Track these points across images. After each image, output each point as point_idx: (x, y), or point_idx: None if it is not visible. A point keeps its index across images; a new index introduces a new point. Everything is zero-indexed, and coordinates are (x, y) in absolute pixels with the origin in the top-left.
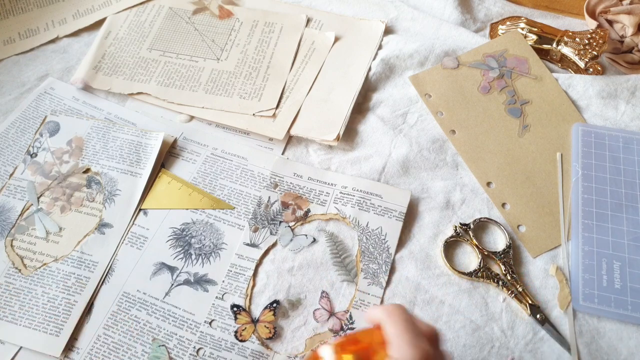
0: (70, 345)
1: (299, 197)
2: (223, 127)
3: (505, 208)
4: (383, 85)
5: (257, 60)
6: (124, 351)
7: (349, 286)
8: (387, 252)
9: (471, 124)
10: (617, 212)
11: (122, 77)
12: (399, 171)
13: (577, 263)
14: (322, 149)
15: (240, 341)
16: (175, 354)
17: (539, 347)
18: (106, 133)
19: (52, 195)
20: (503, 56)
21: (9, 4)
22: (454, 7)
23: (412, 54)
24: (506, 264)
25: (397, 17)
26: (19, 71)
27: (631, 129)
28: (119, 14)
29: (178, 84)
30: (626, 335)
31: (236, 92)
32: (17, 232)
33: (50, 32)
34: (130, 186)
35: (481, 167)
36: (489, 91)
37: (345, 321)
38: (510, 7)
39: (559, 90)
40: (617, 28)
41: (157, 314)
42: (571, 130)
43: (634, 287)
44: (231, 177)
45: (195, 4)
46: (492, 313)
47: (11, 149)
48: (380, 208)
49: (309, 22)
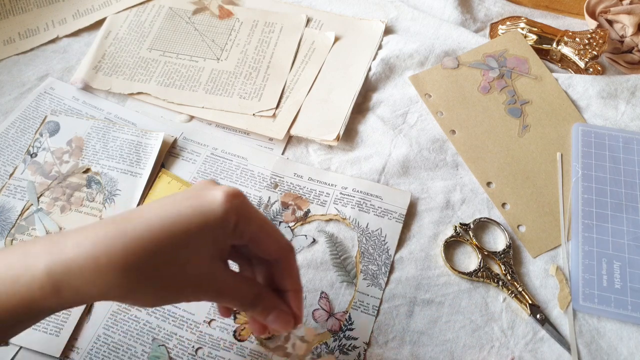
0: (70, 345)
1: (299, 198)
2: (223, 127)
3: (505, 208)
4: (383, 85)
5: (257, 60)
6: (124, 351)
7: (349, 287)
8: (387, 254)
9: (471, 124)
10: (617, 212)
11: (122, 77)
12: (399, 171)
13: (577, 263)
14: (322, 149)
15: (239, 341)
16: (175, 354)
17: (539, 347)
18: (106, 133)
19: (52, 195)
20: (503, 56)
21: (9, 4)
22: (454, 7)
23: (412, 54)
24: (506, 264)
25: (397, 17)
26: (19, 71)
27: (631, 129)
28: (119, 14)
29: (178, 84)
30: (626, 335)
31: (236, 92)
32: (17, 232)
33: (50, 32)
34: (130, 186)
35: (481, 167)
36: (489, 91)
37: (344, 322)
38: (510, 7)
39: (559, 90)
40: (617, 28)
41: (157, 314)
42: (571, 130)
43: (634, 287)
44: (231, 177)
45: (195, 4)
46: (492, 313)
47: (11, 149)
48: (380, 209)
49: (309, 22)
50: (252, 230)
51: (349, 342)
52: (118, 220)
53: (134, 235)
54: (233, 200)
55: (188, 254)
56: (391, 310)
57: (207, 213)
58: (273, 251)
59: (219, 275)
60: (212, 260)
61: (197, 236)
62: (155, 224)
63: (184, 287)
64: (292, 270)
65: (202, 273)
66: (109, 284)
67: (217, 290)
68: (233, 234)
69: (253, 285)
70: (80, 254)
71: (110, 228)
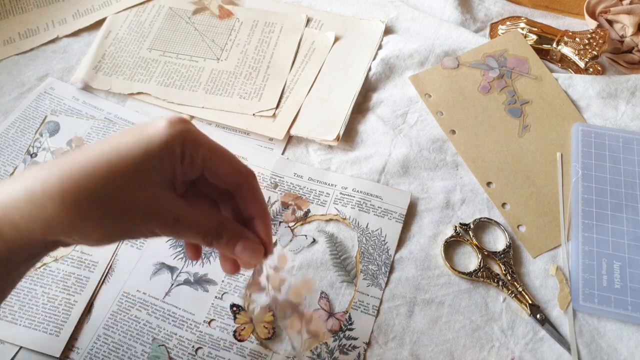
0: (70, 345)
1: (299, 198)
2: (223, 127)
3: (505, 208)
4: (383, 85)
5: (257, 60)
6: (124, 351)
7: (349, 287)
8: (387, 254)
9: (471, 124)
10: (617, 212)
11: (122, 77)
12: (399, 171)
13: (577, 263)
14: (322, 149)
15: (239, 341)
16: (175, 354)
17: (539, 347)
18: (106, 133)
19: None
20: (503, 56)
21: (9, 4)
22: (454, 7)
23: (412, 54)
24: (506, 264)
25: (397, 17)
26: (19, 71)
27: (631, 129)
28: (119, 14)
29: (178, 84)
30: (626, 335)
31: (236, 92)
32: None
33: (50, 32)
34: None
35: (481, 167)
36: (489, 91)
37: (344, 322)
38: (510, 7)
39: (559, 90)
40: (617, 28)
41: (157, 313)
42: (571, 130)
43: (634, 287)
44: None
45: (195, 4)
46: (492, 313)
47: (11, 149)
48: (380, 209)
49: (309, 22)
50: (203, 155)
51: (349, 342)
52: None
53: (71, 167)
54: (177, 125)
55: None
56: (391, 310)
57: (150, 140)
58: (230, 175)
59: (172, 203)
60: (162, 188)
61: (140, 164)
62: (95, 155)
63: (134, 217)
64: (255, 194)
65: (151, 199)
66: (50, 216)
67: (173, 218)
68: (182, 160)
69: (214, 215)
70: (15, 189)
71: (47, 164)
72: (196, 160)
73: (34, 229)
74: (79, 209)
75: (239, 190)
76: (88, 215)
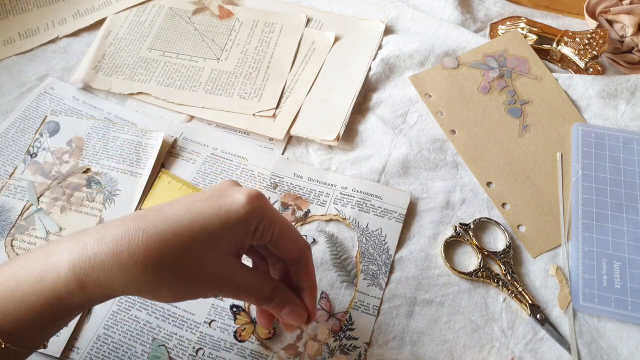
0: (70, 345)
1: (298, 198)
2: (223, 127)
3: (505, 208)
4: (383, 85)
5: (257, 60)
6: (124, 351)
7: (349, 287)
8: (387, 254)
9: (471, 124)
10: (617, 212)
11: (122, 77)
12: (399, 171)
13: (577, 263)
14: (322, 149)
15: (239, 341)
16: (175, 354)
17: (539, 347)
18: (106, 133)
19: (52, 195)
20: (503, 56)
21: (9, 4)
22: (454, 7)
23: (412, 54)
24: (506, 264)
25: (397, 17)
26: (19, 71)
27: (631, 129)
28: (119, 14)
29: (178, 84)
30: (626, 335)
31: (236, 92)
32: (17, 232)
33: (50, 32)
34: (130, 186)
35: (481, 167)
36: (489, 91)
37: (344, 322)
38: (510, 7)
39: (559, 90)
40: (617, 28)
41: (157, 314)
42: (571, 130)
43: (634, 287)
44: (231, 177)
45: (195, 4)
46: (492, 313)
47: (11, 149)
48: (380, 209)
49: (309, 22)
50: (274, 232)
51: (349, 342)
52: (138, 217)
53: (155, 233)
54: (255, 202)
55: (207, 251)
56: (391, 310)
57: (229, 214)
58: (293, 251)
59: (237, 270)
60: (230, 257)
61: (217, 235)
62: (176, 222)
63: (203, 283)
64: (309, 269)
65: (221, 268)
66: (131, 279)
67: (236, 285)
68: (253, 235)
69: (269, 280)
70: (102, 251)
71: (130, 225)
72: (266, 236)
73: (115, 288)
74: (158, 274)
75: (294, 262)
76: (164, 281)
